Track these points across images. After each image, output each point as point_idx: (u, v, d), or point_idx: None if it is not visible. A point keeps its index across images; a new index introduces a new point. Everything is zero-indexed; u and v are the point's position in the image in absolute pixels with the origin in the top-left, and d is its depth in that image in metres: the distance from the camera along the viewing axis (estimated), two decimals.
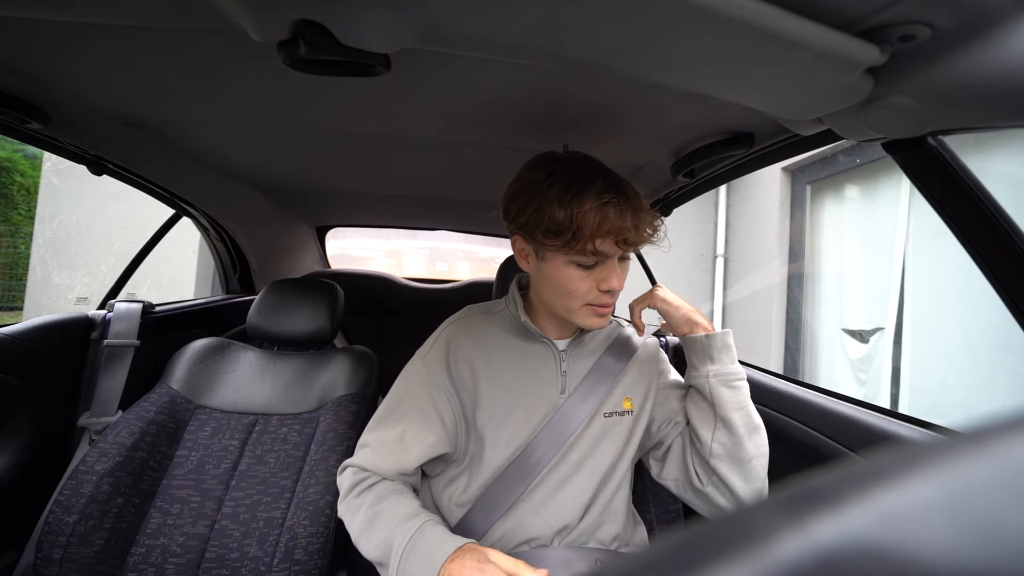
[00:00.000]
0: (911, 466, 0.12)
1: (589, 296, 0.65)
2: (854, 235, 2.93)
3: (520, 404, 0.71)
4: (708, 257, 4.24)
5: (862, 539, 0.10)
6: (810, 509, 0.11)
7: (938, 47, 0.41)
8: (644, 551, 0.12)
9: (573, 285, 0.65)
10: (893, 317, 2.57)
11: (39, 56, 0.66)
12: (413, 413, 0.70)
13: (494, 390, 0.71)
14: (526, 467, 0.69)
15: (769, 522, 0.11)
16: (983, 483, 0.11)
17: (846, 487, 0.12)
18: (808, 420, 0.80)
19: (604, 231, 0.60)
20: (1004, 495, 0.11)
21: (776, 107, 0.55)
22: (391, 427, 0.70)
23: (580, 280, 0.64)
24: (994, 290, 0.57)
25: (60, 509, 0.79)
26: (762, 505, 0.12)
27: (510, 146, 0.93)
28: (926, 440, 0.64)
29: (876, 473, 0.12)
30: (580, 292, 0.65)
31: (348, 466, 0.71)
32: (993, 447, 0.12)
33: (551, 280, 0.67)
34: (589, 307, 0.66)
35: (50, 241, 3.96)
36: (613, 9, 0.38)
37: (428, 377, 0.72)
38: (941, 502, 0.11)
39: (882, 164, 2.66)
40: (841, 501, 0.11)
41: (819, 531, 0.11)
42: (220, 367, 1.07)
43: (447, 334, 0.76)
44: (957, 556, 0.10)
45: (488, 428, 0.70)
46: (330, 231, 2.01)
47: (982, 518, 0.10)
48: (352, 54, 0.46)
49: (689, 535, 0.12)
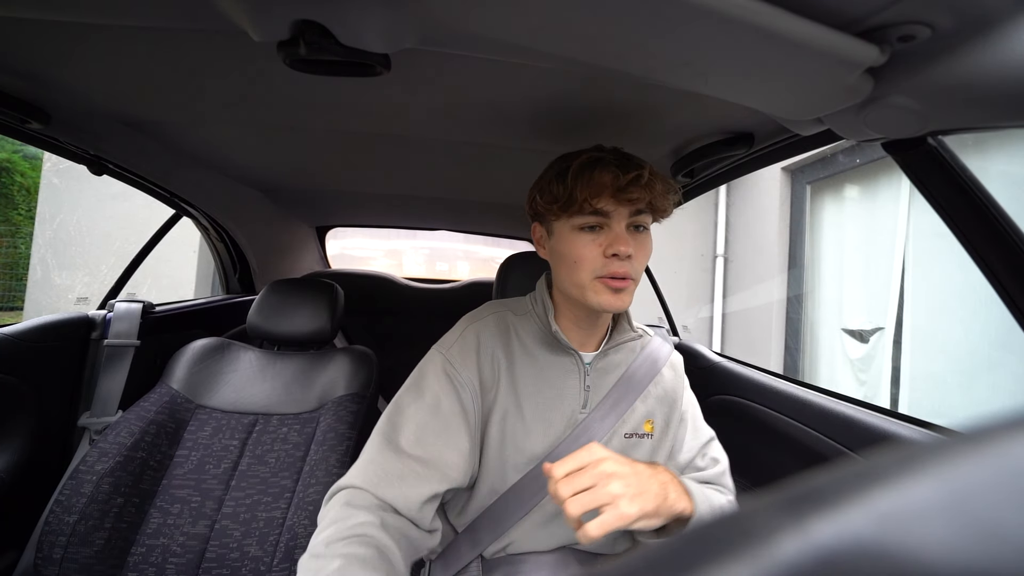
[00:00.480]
0: (911, 466, 0.12)
1: (597, 264, 0.62)
2: (854, 235, 2.93)
3: (541, 416, 0.68)
4: (708, 257, 4.24)
5: (862, 539, 0.10)
6: (809, 509, 0.11)
7: (938, 47, 0.41)
8: (643, 551, 0.12)
9: (579, 252, 0.63)
10: (893, 317, 2.57)
11: (39, 56, 0.66)
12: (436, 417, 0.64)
13: (516, 397, 0.68)
14: (540, 481, 0.66)
15: (768, 522, 0.11)
16: (983, 483, 0.11)
17: (845, 487, 0.12)
18: (808, 420, 0.80)
19: (597, 185, 0.60)
20: (1004, 495, 0.11)
21: (776, 107, 0.55)
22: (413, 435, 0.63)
23: (586, 246, 0.62)
24: (994, 290, 0.57)
25: (60, 509, 0.79)
26: (761, 505, 0.12)
27: (510, 146, 0.93)
28: (926, 440, 0.64)
29: (875, 473, 0.12)
30: (587, 260, 0.62)
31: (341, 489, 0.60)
32: (993, 447, 0.12)
33: (561, 255, 0.65)
34: (600, 281, 0.62)
35: (50, 241, 3.96)
36: (613, 9, 0.38)
37: (454, 373, 0.66)
38: (941, 502, 0.11)
39: (882, 164, 2.66)
40: (840, 501, 0.11)
41: (818, 531, 0.11)
42: (220, 367, 1.07)
43: (476, 329, 0.71)
44: (957, 556, 0.10)
45: (505, 436, 0.67)
46: (330, 231, 2.01)
47: (982, 518, 0.10)
48: (352, 54, 0.46)
49: (688, 535, 0.12)
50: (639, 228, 0.64)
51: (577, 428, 0.68)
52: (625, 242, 0.61)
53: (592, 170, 0.61)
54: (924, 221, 2.46)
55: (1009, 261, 0.55)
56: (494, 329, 0.71)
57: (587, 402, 0.69)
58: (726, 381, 1.04)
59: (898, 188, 2.59)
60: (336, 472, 0.90)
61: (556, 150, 0.71)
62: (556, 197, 0.63)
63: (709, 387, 1.07)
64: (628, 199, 0.61)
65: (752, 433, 0.83)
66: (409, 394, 0.67)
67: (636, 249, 0.63)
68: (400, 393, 0.68)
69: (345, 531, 0.54)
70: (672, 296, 1.66)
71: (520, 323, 0.72)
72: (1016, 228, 0.55)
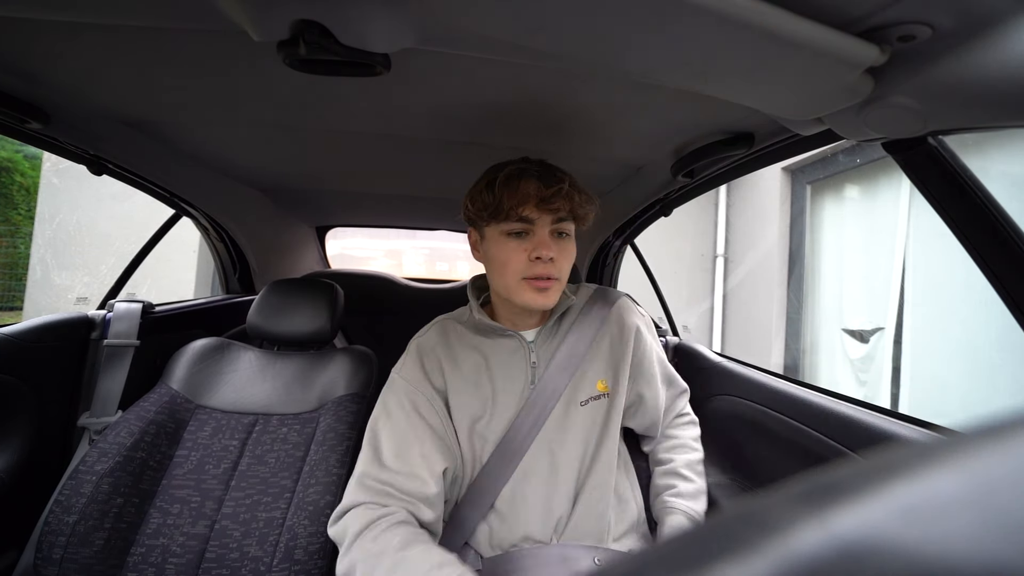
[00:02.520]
0: (933, 460, 0.12)
1: (523, 267, 0.68)
2: (854, 235, 2.93)
3: (494, 399, 0.73)
4: (708, 257, 4.24)
5: (884, 533, 0.10)
6: (829, 502, 0.11)
7: (938, 47, 0.41)
8: (657, 545, 0.12)
9: (507, 256, 0.69)
10: (893, 317, 2.57)
11: (39, 56, 0.66)
12: (407, 432, 0.69)
13: (468, 388, 0.74)
14: (507, 456, 0.71)
15: (787, 514, 0.11)
16: (1008, 477, 0.11)
17: (867, 480, 0.11)
18: (808, 420, 0.80)
19: (521, 194, 0.66)
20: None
21: (776, 107, 0.55)
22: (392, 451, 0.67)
23: (514, 251, 0.68)
24: (994, 290, 0.57)
25: (60, 509, 0.79)
26: (779, 498, 0.12)
27: (510, 146, 0.93)
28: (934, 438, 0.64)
29: (897, 466, 0.12)
30: (515, 263, 0.68)
31: (353, 506, 0.64)
32: (1015, 441, 0.12)
33: (492, 258, 0.71)
34: (527, 282, 0.69)
35: (50, 241, 3.96)
36: (613, 9, 0.38)
37: (410, 390, 0.73)
38: (966, 496, 0.10)
39: (882, 164, 2.66)
40: (862, 494, 0.11)
41: (839, 524, 0.10)
42: (220, 367, 1.07)
43: (416, 346, 0.78)
44: (983, 551, 0.10)
45: (467, 425, 0.72)
46: (330, 231, 2.01)
47: (1008, 513, 0.10)
48: (352, 54, 0.46)
49: (703, 528, 0.12)
50: (561, 235, 0.71)
51: (526, 403, 0.73)
52: (548, 247, 0.67)
53: (518, 180, 0.67)
54: (924, 221, 2.46)
55: (1009, 261, 0.55)
56: (436, 338, 0.78)
57: (534, 377, 0.75)
58: (726, 381, 1.03)
59: (898, 188, 2.59)
60: (336, 472, 0.90)
61: (556, 150, 0.72)
62: (486, 205, 0.69)
63: (709, 387, 1.07)
64: (550, 208, 0.67)
65: (752, 433, 0.82)
66: (380, 419, 0.72)
67: (559, 253, 0.69)
68: (372, 420, 0.73)
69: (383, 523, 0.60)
70: (672, 296, 1.66)
71: (462, 324, 0.80)
72: (1016, 228, 0.54)
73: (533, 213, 0.67)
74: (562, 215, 0.68)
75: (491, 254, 0.72)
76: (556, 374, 0.75)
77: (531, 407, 0.73)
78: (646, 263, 1.54)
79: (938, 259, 2.37)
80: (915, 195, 2.47)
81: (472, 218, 0.74)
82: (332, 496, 0.86)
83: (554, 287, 0.70)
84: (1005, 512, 0.10)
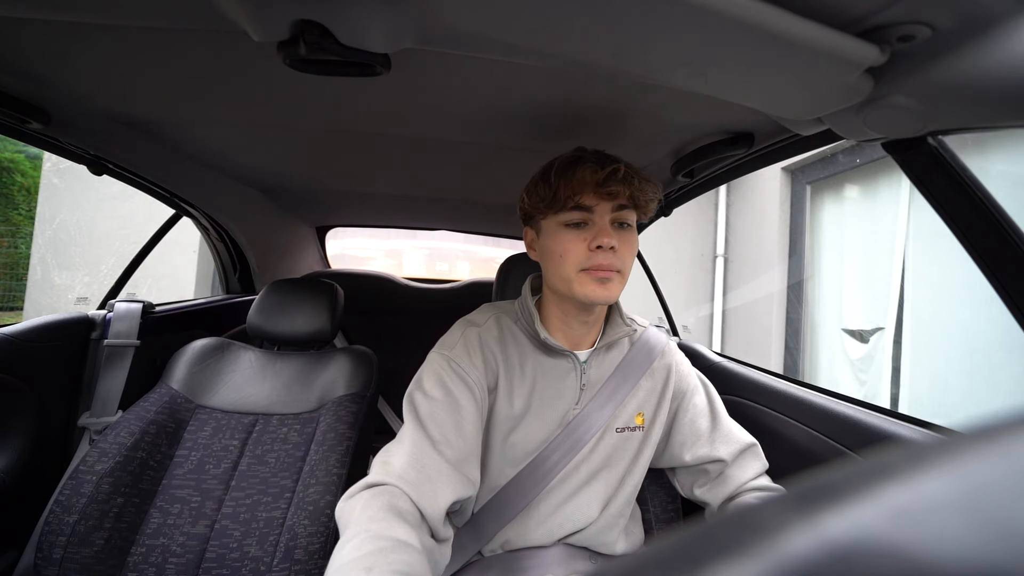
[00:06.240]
0: (924, 462, 0.12)
1: (582, 257, 0.64)
2: (854, 235, 2.93)
3: (537, 415, 0.70)
4: (708, 257, 4.24)
5: (875, 535, 0.10)
6: (821, 505, 0.11)
7: (938, 47, 0.41)
8: (651, 547, 0.12)
9: (565, 247, 0.65)
10: (893, 317, 2.57)
11: (39, 56, 0.66)
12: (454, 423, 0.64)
13: (514, 398, 0.70)
14: (538, 475, 0.69)
15: (778, 518, 0.11)
16: (999, 480, 0.11)
17: (857, 483, 0.11)
18: (808, 420, 0.80)
19: (577, 181, 0.63)
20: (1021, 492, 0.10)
21: (776, 107, 0.55)
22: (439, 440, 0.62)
23: (572, 241, 0.65)
24: (994, 290, 0.57)
25: (60, 509, 0.79)
26: (771, 501, 0.12)
27: (510, 146, 0.93)
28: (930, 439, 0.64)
29: (888, 469, 0.12)
30: (574, 254, 0.64)
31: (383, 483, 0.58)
32: (1007, 444, 0.12)
33: (549, 252, 0.68)
34: (586, 273, 0.64)
35: (50, 241, 3.96)
36: (613, 9, 0.38)
37: (463, 375, 0.67)
38: (956, 499, 0.10)
39: (882, 164, 2.66)
40: (853, 497, 0.11)
41: (830, 527, 0.10)
42: (220, 367, 1.07)
43: (477, 331, 0.72)
44: (973, 553, 0.10)
45: (504, 435, 0.70)
46: (330, 231, 2.01)
47: (998, 515, 0.10)
48: (352, 54, 0.46)
49: (697, 531, 0.12)
50: (623, 225, 0.66)
51: (569, 425, 0.71)
52: (608, 234, 0.63)
53: (573, 168, 0.65)
54: (924, 221, 2.46)
55: (1009, 261, 0.55)
56: (495, 332, 0.73)
57: (580, 399, 0.72)
58: (726, 381, 1.03)
59: (898, 188, 2.59)
60: (336, 472, 0.90)
61: (556, 150, 0.71)
62: (542, 197, 0.66)
63: None
64: (608, 192, 0.63)
65: (752, 433, 0.82)
66: (424, 397, 0.66)
67: (620, 243, 0.65)
68: (413, 396, 0.67)
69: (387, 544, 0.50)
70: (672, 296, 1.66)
71: (514, 327, 0.74)
72: (1016, 228, 0.54)
73: (591, 200, 0.63)
74: (622, 202, 0.64)
75: (549, 248, 0.67)
76: (603, 402, 0.72)
77: (572, 429, 0.70)
78: (646, 263, 1.54)
79: (938, 259, 2.37)
80: (915, 195, 2.47)
81: (529, 213, 0.71)
82: (332, 496, 0.86)
83: (616, 280, 0.65)
84: (996, 514, 0.10)
